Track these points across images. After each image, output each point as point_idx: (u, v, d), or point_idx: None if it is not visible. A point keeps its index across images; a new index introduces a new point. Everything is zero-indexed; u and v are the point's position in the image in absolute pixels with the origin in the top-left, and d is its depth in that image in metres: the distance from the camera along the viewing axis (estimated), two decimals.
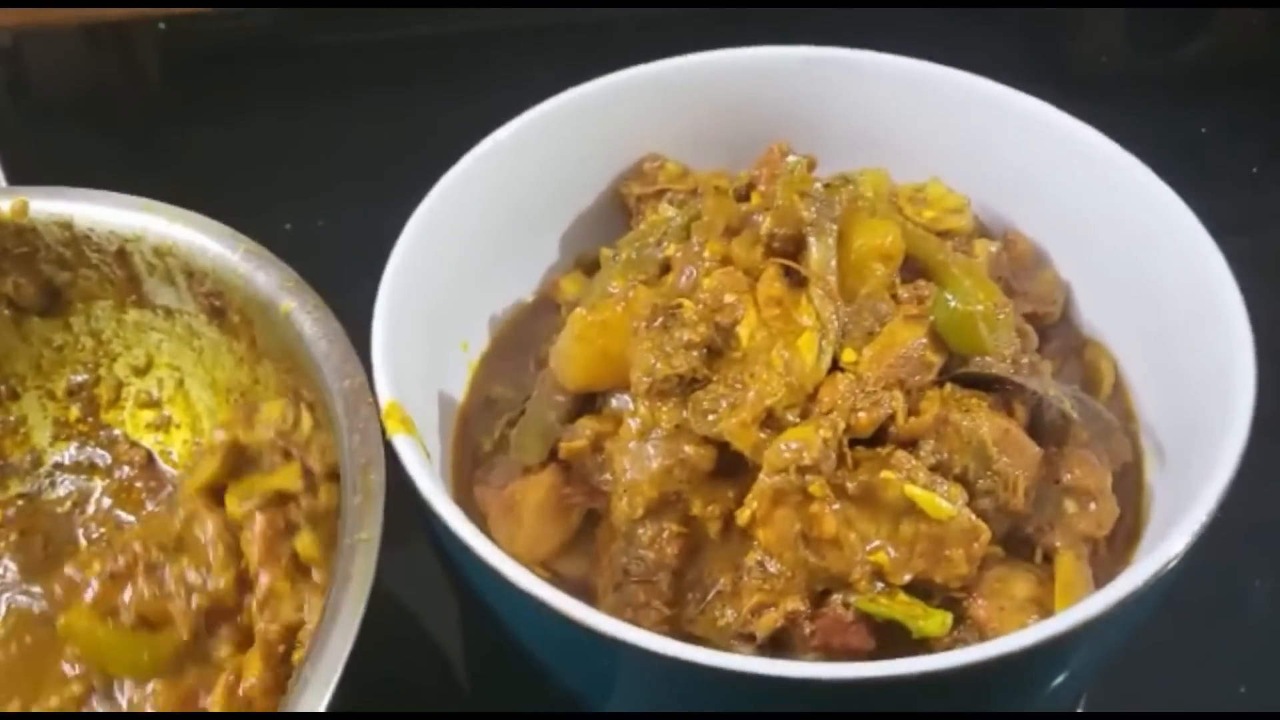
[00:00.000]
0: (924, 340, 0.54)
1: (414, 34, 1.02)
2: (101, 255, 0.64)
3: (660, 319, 0.54)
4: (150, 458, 0.68)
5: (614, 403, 0.56)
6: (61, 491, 0.68)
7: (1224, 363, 0.53)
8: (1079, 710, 0.61)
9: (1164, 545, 0.46)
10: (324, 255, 0.62)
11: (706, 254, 0.57)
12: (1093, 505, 0.55)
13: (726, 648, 0.51)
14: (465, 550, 0.47)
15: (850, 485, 0.50)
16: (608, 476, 0.55)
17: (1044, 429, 0.57)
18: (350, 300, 0.58)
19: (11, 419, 0.68)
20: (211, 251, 0.61)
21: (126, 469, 0.68)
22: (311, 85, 0.99)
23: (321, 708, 0.42)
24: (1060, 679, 0.50)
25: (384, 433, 0.51)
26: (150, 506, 0.66)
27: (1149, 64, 1.01)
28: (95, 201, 0.63)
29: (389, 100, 0.96)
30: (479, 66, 0.96)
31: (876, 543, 0.50)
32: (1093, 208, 0.63)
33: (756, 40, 0.69)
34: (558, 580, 0.56)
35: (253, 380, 0.63)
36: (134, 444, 0.68)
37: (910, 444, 0.52)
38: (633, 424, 0.52)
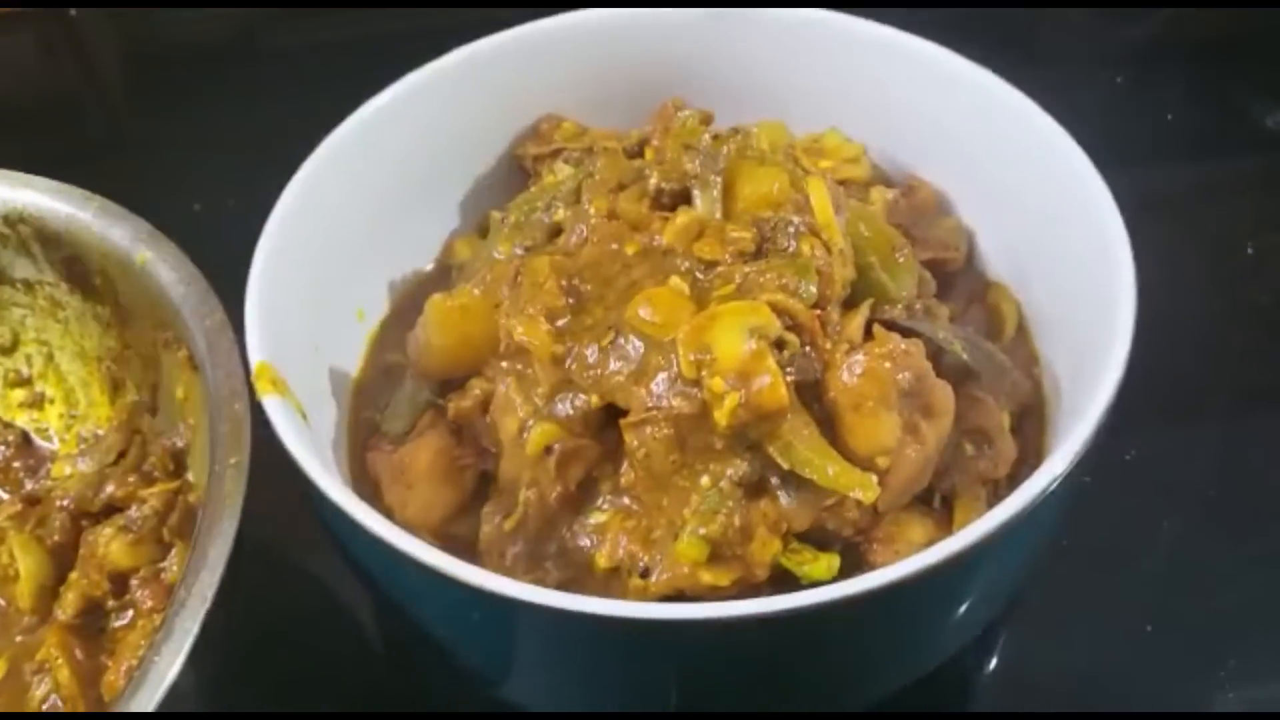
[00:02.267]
0: None
1: (361, 33, 1.01)
2: None
3: (516, 277, 0.53)
4: (26, 437, 0.66)
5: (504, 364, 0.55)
6: None
7: (1110, 302, 0.53)
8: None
9: (1044, 471, 0.46)
10: (233, 237, 0.61)
11: (592, 210, 0.57)
12: (989, 447, 0.54)
13: None
14: (332, 509, 0.46)
15: None
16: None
17: (942, 373, 0.56)
18: None
19: None
20: (63, 213, 0.60)
21: (2, 449, 0.66)
22: (259, 82, 0.98)
23: (197, 625, 0.43)
24: (956, 610, 0.50)
25: (252, 392, 0.50)
26: (29, 485, 0.65)
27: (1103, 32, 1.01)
28: None
29: (333, 95, 0.94)
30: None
31: None
32: (992, 153, 0.63)
33: None
34: (451, 546, 0.55)
35: (122, 345, 0.62)
36: (7, 425, 0.67)
37: None
38: (503, 388, 0.51)
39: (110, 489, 0.59)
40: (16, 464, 0.66)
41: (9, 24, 1.02)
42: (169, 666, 0.42)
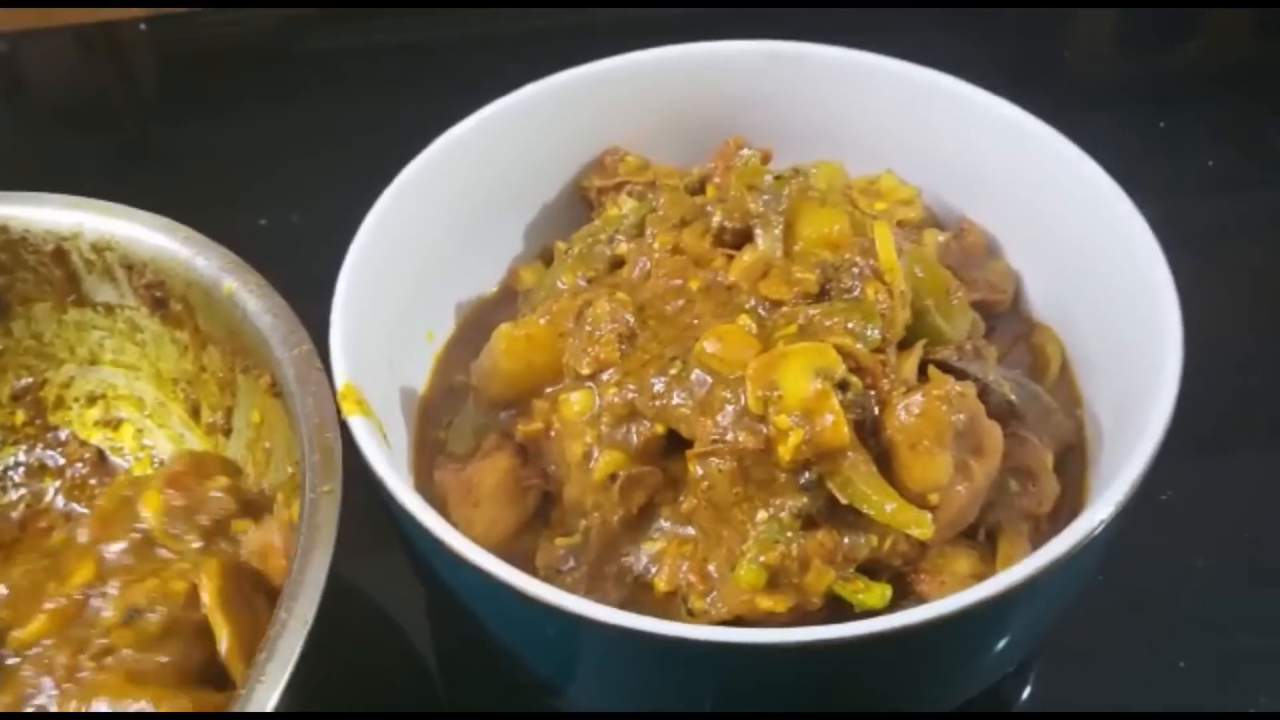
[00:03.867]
0: None
1: (400, 40, 1.04)
2: (38, 256, 0.64)
3: (580, 313, 0.56)
4: (101, 454, 0.69)
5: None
6: (14, 495, 0.68)
7: (1155, 350, 0.55)
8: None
9: (1090, 513, 0.48)
10: (299, 253, 0.63)
11: (657, 245, 0.59)
12: (1033, 484, 0.56)
13: None
14: (417, 526, 0.49)
15: None
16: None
17: (990, 412, 0.58)
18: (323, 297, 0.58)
19: None
20: (150, 242, 0.62)
21: (79, 466, 0.68)
22: (297, 88, 1.01)
23: (299, 646, 0.44)
24: (999, 644, 0.52)
25: (339, 410, 0.53)
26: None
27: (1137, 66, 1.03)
28: (28, 203, 0.64)
29: (373, 102, 0.97)
30: (462, 70, 0.98)
31: None
32: (1041, 199, 0.65)
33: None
34: (510, 563, 0.57)
35: (198, 369, 0.64)
36: (83, 443, 0.69)
37: None
38: (573, 398, 0.54)
39: None
40: (92, 481, 0.68)
41: (49, 30, 1.05)
42: (274, 686, 0.43)
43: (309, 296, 0.58)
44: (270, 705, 0.43)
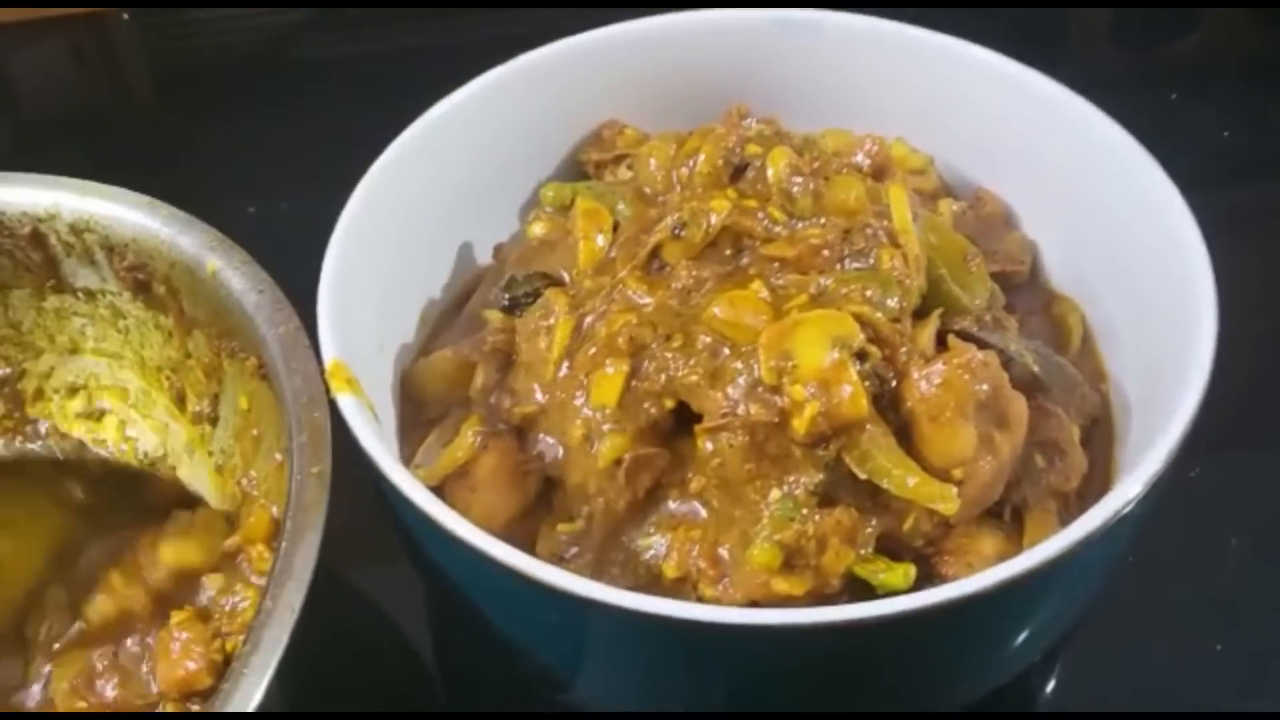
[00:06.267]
0: None
1: (394, 41, 1.02)
2: (14, 240, 0.61)
3: None
4: (82, 446, 0.66)
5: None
6: None
7: (1188, 317, 0.52)
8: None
9: (1123, 488, 0.45)
10: (289, 240, 0.60)
11: None
12: (1059, 459, 0.54)
13: None
14: (409, 506, 0.46)
15: None
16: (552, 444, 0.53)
17: (1013, 384, 0.56)
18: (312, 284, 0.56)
19: None
20: (130, 221, 0.59)
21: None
22: (289, 84, 0.99)
23: (286, 635, 0.42)
24: (1027, 626, 0.49)
25: (327, 388, 0.50)
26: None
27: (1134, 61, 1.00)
28: (1, 183, 0.61)
29: (367, 98, 0.94)
30: (459, 66, 0.96)
31: None
32: (1062, 164, 0.62)
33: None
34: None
35: (183, 355, 0.62)
36: (64, 435, 0.66)
37: None
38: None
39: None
40: None
41: (42, 31, 1.03)
42: (259, 679, 0.41)
43: (298, 283, 0.56)
44: (256, 699, 0.40)
